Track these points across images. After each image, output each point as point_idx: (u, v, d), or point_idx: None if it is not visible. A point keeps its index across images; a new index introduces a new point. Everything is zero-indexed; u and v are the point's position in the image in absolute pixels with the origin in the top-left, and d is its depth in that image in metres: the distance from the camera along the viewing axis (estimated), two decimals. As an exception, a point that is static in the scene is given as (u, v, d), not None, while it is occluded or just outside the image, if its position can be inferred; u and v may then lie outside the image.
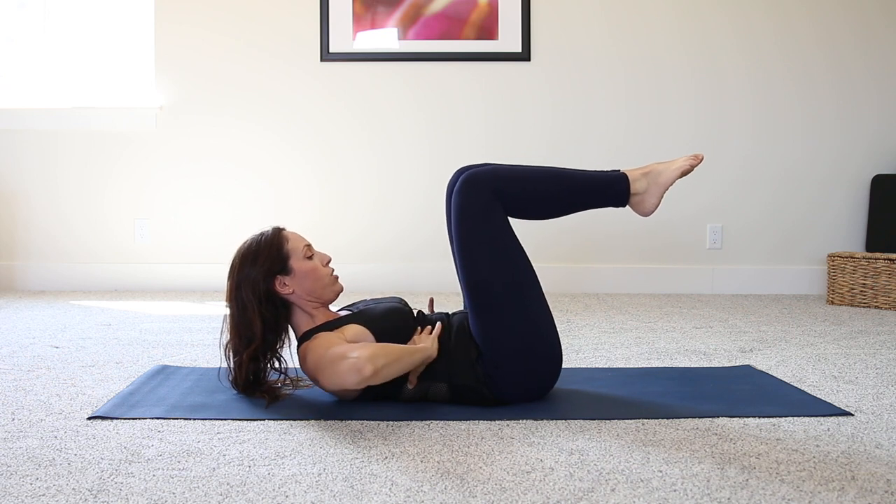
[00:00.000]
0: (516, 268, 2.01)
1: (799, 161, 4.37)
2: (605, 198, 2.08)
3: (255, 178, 4.41)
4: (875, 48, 4.33)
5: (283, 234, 2.07)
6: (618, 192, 2.06)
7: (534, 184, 2.04)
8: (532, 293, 2.01)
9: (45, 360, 2.57)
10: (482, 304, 1.99)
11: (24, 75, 4.47)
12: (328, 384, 1.92)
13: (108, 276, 4.41)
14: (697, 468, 1.57)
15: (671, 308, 3.78)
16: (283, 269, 2.02)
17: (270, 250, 2.03)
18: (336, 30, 4.34)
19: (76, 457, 1.63)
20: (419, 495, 1.44)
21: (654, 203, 2.08)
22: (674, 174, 2.07)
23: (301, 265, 2.04)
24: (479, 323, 1.99)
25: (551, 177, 2.06)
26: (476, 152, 4.38)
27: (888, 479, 1.51)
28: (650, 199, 2.08)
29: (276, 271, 2.02)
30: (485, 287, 1.98)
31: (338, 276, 2.12)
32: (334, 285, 2.09)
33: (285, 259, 2.03)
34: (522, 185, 2.03)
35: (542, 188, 2.04)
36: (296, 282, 2.03)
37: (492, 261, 1.99)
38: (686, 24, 4.35)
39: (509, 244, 2.01)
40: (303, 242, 2.08)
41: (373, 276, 4.36)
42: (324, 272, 2.07)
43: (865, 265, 3.85)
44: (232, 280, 2.03)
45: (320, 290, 2.06)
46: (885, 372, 2.43)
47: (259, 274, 2.00)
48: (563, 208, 2.08)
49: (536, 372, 2.01)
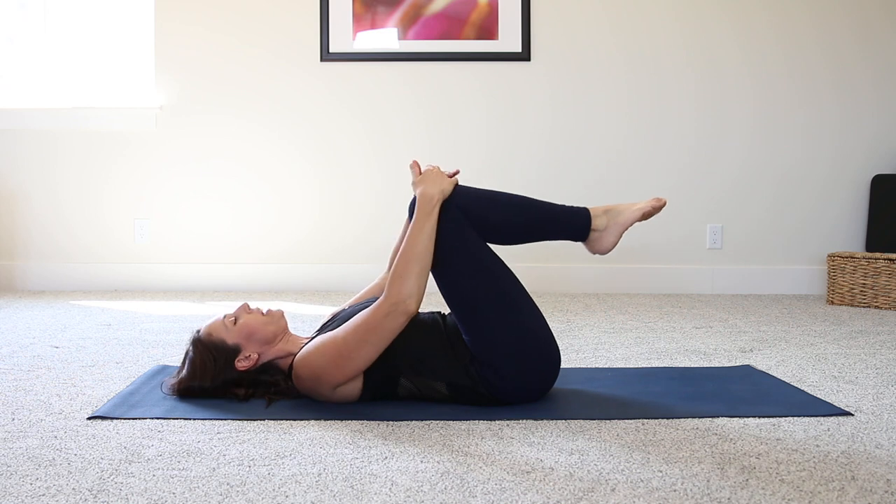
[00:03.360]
0: (496, 278, 2.00)
1: (799, 161, 4.37)
2: (565, 231, 2.08)
3: (255, 178, 4.41)
4: (875, 48, 4.33)
5: (206, 335, 2.03)
6: (578, 226, 2.07)
7: (497, 207, 2.04)
8: (517, 299, 2.00)
9: (45, 360, 2.57)
10: (468, 317, 1.98)
11: (24, 75, 4.47)
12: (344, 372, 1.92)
13: (108, 276, 4.41)
14: (697, 468, 1.57)
15: (671, 308, 3.78)
16: (233, 352, 2.02)
17: (212, 353, 2.01)
18: (336, 30, 4.34)
19: (76, 457, 1.63)
20: (419, 495, 1.44)
21: (612, 241, 2.08)
22: (634, 215, 2.08)
23: (237, 332, 2.02)
24: (470, 335, 1.98)
25: (515, 204, 2.06)
26: (476, 152, 4.39)
27: (888, 479, 1.51)
28: (609, 237, 2.08)
29: (231, 359, 2.01)
30: (468, 302, 1.98)
31: (266, 309, 2.08)
32: (271, 316, 2.06)
33: (225, 345, 2.01)
34: (487, 207, 2.03)
35: (505, 213, 2.03)
36: (249, 345, 2.02)
37: (471, 275, 1.98)
38: (686, 24, 4.35)
39: (484, 255, 2.01)
40: (220, 319, 2.05)
41: (373, 276, 4.35)
42: (253, 318, 2.04)
43: (865, 265, 3.85)
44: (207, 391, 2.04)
45: (267, 331, 2.03)
46: (885, 372, 2.43)
47: (219, 378, 2.01)
48: (522, 236, 2.07)
49: (534, 373, 2.01)
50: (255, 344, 2.03)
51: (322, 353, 1.95)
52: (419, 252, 1.93)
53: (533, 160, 4.38)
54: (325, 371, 1.94)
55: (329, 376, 1.94)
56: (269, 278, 4.40)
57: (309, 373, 1.96)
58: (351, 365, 1.93)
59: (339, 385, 1.96)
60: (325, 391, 1.97)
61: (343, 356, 1.92)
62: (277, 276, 4.40)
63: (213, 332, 2.04)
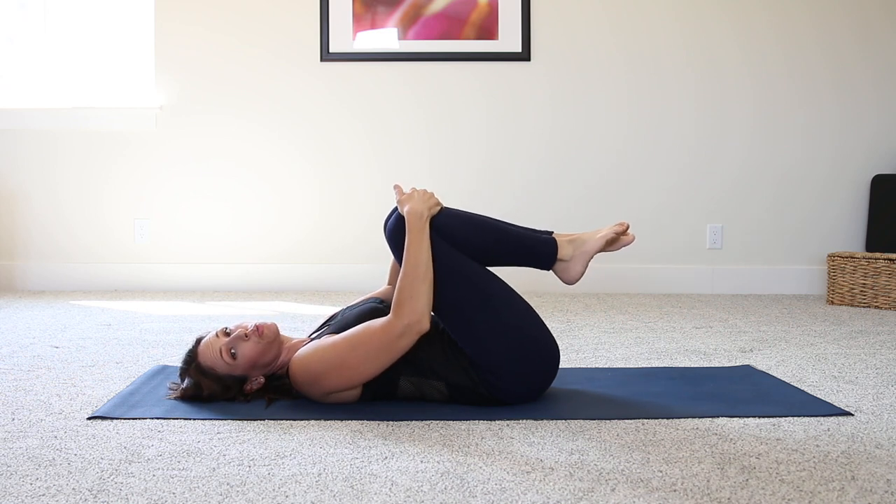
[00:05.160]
0: (478, 281, 1.99)
1: (799, 161, 4.37)
2: (532, 259, 2.07)
3: (255, 178, 4.41)
4: (875, 48, 4.33)
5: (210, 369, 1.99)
6: (543, 254, 2.06)
7: (468, 226, 2.02)
8: (505, 300, 2.00)
9: (45, 360, 2.57)
10: (458, 326, 1.97)
11: (24, 75, 4.47)
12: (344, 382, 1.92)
13: (108, 276, 4.41)
14: (697, 468, 1.57)
15: (671, 308, 3.78)
16: (241, 381, 2.01)
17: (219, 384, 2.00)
18: (336, 30, 4.34)
19: (76, 457, 1.63)
20: (419, 495, 1.44)
21: (578, 271, 2.07)
22: (598, 243, 2.06)
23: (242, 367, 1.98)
24: (465, 345, 1.97)
25: (486, 226, 2.04)
26: (476, 152, 4.39)
27: (888, 479, 1.51)
28: (575, 266, 2.07)
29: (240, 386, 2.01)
30: (455, 310, 1.97)
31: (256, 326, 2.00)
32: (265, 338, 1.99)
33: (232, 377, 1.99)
34: (457, 224, 2.01)
35: (475, 233, 2.01)
36: (254, 371, 2.01)
37: (453, 283, 1.96)
38: (686, 24, 4.35)
39: (463, 266, 1.99)
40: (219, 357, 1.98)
41: (373, 276, 4.35)
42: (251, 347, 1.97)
43: (865, 265, 3.85)
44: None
45: (268, 356, 2.02)
46: (885, 372, 2.43)
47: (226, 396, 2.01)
48: (489, 260, 2.04)
49: (533, 372, 2.00)
50: (260, 369, 2.03)
51: (322, 358, 1.94)
52: (423, 271, 1.92)
53: (533, 160, 4.38)
54: (324, 377, 1.94)
55: (327, 382, 1.94)
56: (269, 278, 4.40)
57: (306, 377, 1.96)
58: (354, 376, 1.93)
59: (336, 392, 1.96)
60: (319, 395, 1.97)
61: (347, 367, 1.92)
62: (277, 276, 4.40)
63: (217, 368, 1.99)
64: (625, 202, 4.38)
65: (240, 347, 1.97)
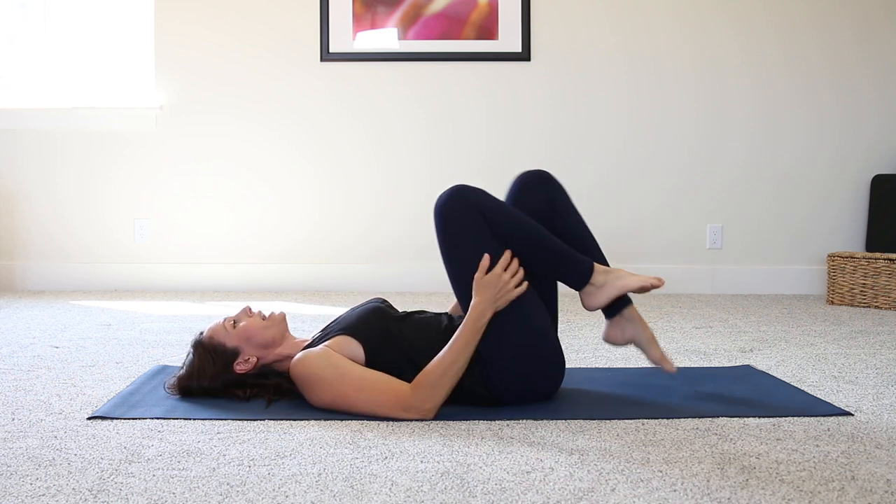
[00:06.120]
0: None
1: (799, 161, 4.37)
2: (566, 271, 2.06)
3: (256, 178, 4.41)
4: (875, 48, 4.33)
5: (207, 338, 2.05)
6: (578, 273, 2.06)
7: (513, 223, 2.02)
8: (530, 300, 2.01)
9: (45, 360, 2.57)
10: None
11: (24, 75, 4.47)
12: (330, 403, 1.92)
13: (108, 276, 4.41)
14: (697, 468, 1.57)
15: (671, 308, 3.78)
16: (232, 355, 2.03)
17: (211, 355, 2.03)
18: (336, 30, 4.34)
19: (76, 457, 1.63)
20: (419, 495, 1.44)
21: (602, 301, 2.06)
22: (633, 283, 2.05)
23: (237, 335, 2.04)
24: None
25: (530, 225, 2.04)
26: (476, 152, 4.39)
27: (888, 479, 1.51)
28: (602, 295, 2.07)
29: (230, 362, 2.03)
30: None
31: (269, 313, 2.10)
32: (272, 320, 2.08)
33: (224, 347, 2.03)
34: (504, 221, 2.01)
35: (519, 230, 2.01)
36: (248, 348, 2.04)
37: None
38: (686, 24, 4.35)
39: (501, 252, 2.00)
40: (220, 322, 2.07)
41: (374, 276, 4.36)
42: (253, 321, 2.06)
43: (865, 265, 3.85)
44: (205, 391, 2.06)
45: (266, 334, 2.05)
46: (885, 372, 2.43)
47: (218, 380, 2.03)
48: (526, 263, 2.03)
49: (541, 374, 2.01)
50: (254, 347, 2.04)
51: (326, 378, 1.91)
52: (457, 368, 1.90)
53: (533, 160, 4.38)
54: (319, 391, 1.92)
55: (317, 397, 1.93)
56: (269, 278, 4.40)
57: (304, 381, 1.95)
58: (342, 406, 1.92)
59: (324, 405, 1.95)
60: (310, 400, 1.97)
61: (343, 398, 1.90)
62: (277, 276, 4.40)
63: (214, 335, 2.05)
64: (625, 202, 4.38)
65: (243, 320, 2.07)
